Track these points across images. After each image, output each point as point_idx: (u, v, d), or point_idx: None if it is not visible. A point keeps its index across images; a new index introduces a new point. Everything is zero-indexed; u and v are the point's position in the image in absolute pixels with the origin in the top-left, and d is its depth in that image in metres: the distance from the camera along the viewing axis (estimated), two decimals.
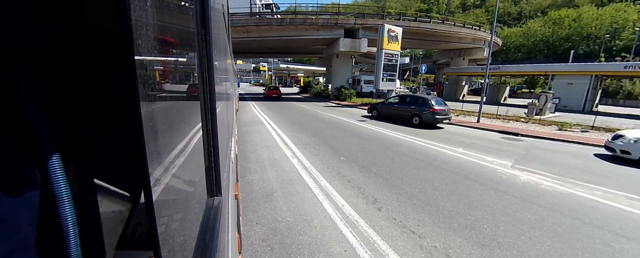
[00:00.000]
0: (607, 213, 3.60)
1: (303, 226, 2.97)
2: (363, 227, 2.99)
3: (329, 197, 3.75)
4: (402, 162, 5.63)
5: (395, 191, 4.03)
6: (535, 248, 2.73)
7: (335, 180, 4.42)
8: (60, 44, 0.37)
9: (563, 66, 23.15)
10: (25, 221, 0.32)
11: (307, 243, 2.65)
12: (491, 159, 6.13)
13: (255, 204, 3.48)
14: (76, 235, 0.35)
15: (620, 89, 33.88)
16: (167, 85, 0.53)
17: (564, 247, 2.77)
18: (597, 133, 10.54)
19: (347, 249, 2.57)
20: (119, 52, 0.31)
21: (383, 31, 17.77)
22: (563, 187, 4.53)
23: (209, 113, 0.83)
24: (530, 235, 2.97)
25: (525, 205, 3.72)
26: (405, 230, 2.94)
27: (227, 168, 1.39)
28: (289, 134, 8.25)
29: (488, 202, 3.78)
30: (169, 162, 0.47)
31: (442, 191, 4.10)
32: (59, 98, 0.38)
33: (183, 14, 0.66)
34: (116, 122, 0.43)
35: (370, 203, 3.61)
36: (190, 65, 0.75)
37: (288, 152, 6.14)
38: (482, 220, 3.23)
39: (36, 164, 0.33)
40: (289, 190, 3.97)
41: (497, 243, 2.78)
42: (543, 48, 63.11)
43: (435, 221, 3.17)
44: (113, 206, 0.51)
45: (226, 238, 0.96)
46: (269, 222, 3.04)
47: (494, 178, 4.79)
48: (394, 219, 3.19)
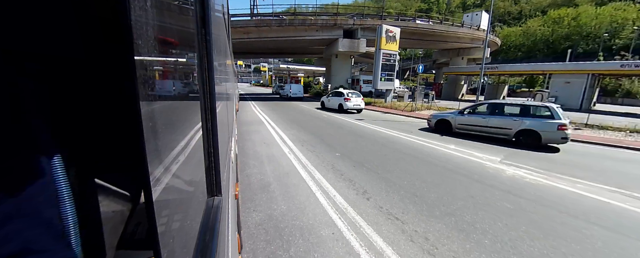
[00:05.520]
0: (586, 205, 3.80)
1: (296, 213, 3.24)
2: (351, 214, 3.24)
3: (322, 189, 4.00)
4: (395, 158, 5.88)
5: (385, 183, 4.28)
6: (510, 233, 2.97)
7: (329, 174, 4.67)
8: (61, 44, 0.38)
9: (560, 65, 23.35)
10: (26, 220, 0.32)
11: (299, 227, 2.92)
12: (481, 155, 6.36)
13: (253, 194, 3.74)
14: (77, 234, 0.35)
15: (619, 88, 34.03)
16: (167, 85, 0.54)
17: (536, 232, 3.01)
18: (590, 131, 10.75)
19: (335, 232, 2.83)
20: (119, 52, 0.31)
21: (381, 31, 18.02)
22: (547, 181, 4.75)
23: (209, 113, 0.84)
24: (507, 222, 3.21)
25: (507, 196, 3.95)
26: (390, 217, 3.19)
27: (227, 168, 1.40)
28: (288, 133, 8.50)
29: (471, 193, 4.02)
30: (169, 162, 0.48)
31: (430, 183, 4.34)
32: (59, 98, 0.38)
33: (183, 14, 0.67)
34: (116, 122, 0.44)
35: (360, 194, 3.87)
36: (191, 65, 0.76)
37: (285, 149, 6.41)
38: (463, 209, 3.48)
39: (37, 164, 0.33)
40: (285, 182, 4.23)
41: (474, 228, 3.02)
42: (543, 47, 63.19)
43: (419, 209, 3.42)
44: (113, 206, 0.51)
45: (226, 238, 0.97)
46: (265, 210, 3.31)
47: (481, 173, 5.03)
48: (381, 207, 3.44)
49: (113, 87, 0.43)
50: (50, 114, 0.36)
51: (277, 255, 2.43)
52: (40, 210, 0.33)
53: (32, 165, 0.33)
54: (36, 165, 0.33)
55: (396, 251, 2.54)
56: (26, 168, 0.33)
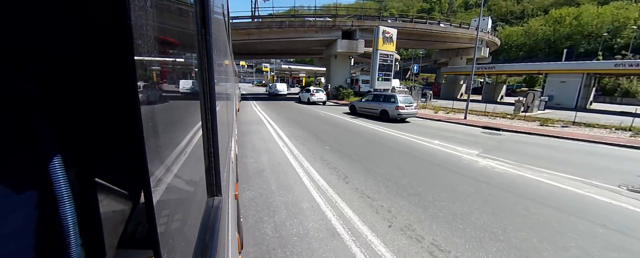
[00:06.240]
0: (543, 189, 4.26)
1: (284, 192, 3.84)
2: (330, 193, 3.83)
3: (309, 174, 4.60)
4: (380, 151, 6.44)
5: (365, 171, 4.85)
6: (463, 208, 3.51)
7: (316, 163, 5.26)
8: (61, 44, 0.38)
9: (555, 65, 23.71)
10: (26, 220, 0.32)
11: (284, 201, 3.52)
12: (462, 149, 6.88)
13: (248, 178, 4.35)
14: (77, 234, 0.35)
15: (617, 87, 34.18)
16: (167, 85, 0.54)
17: (488, 209, 3.52)
18: (576, 128, 11.17)
19: (314, 205, 3.43)
20: (119, 52, 0.32)
21: (378, 33, 18.54)
22: (515, 170, 5.25)
23: (209, 113, 0.85)
24: (464, 201, 3.75)
25: (472, 183, 4.49)
26: (363, 196, 3.77)
27: (227, 168, 1.42)
28: (285, 130, 9.09)
29: (441, 179, 4.57)
30: (169, 162, 0.48)
31: (405, 172, 4.90)
32: (59, 98, 0.39)
33: (183, 14, 0.67)
34: (116, 122, 0.44)
35: (341, 178, 4.45)
36: (191, 65, 0.76)
37: (280, 143, 7.01)
38: (428, 191, 4.03)
39: (37, 164, 0.33)
40: (277, 169, 4.83)
41: (433, 205, 3.57)
42: (544, 47, 63.20)
43: (389, 191, 3.99)
44: (113, 206, 0.51)
45: (226, 238, 0.97)
46: (257, 189, 3.92)
47: (456, 163, 5.56)
48: (357, 189, 4.01)
49: (113, 87, 0.43)
50: (50, 114, 0.36)
51: (264, 220, 3.04)
52: (40, 210, 0.33)
53: (32, 165, 0.33)
54: (36, 165, 0.33)
55: (361, 219, 3.11)
56: (26, 168, 0.33)
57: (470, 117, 13.36)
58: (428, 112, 15.60)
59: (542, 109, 17.43)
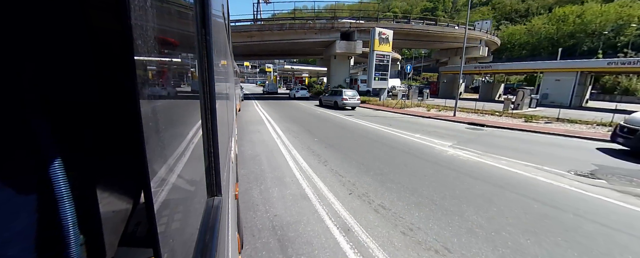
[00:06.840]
0: (494, 173, 4.90)
1: (271, 170, 4.75)
2: (309, 171, 4.71)
3: (294, 159, 5.48)
4: (363, 142, 7.25)
5: (343, 157, 5.69)
6: (416, 184, 4.28)
7: (303, 151, 6.14)
8: (60, 44, 0.38)
9: (549, 64, 24.17)
10: (25, 220, 0.32)
11: (271, 177, 4.43)
12: (438, 141, 7.61)
13: (244, 162, 5.25)
14: (77, 235, 0.35)
15: (617, 85, 34.28)
16: (167, 85, 0.54)
17: (442, 188, 4.14)
18: (559, 124, 11.72)
19: (293, 179, 4.32)
20: (119, 52, 0.32)
21: (374, 34, 19.30)
22: (477, 158, 5.92)
23: (209, 113, 0.86)
24: (420, 179, 4.53)
25: (434, 167, 5.25)
26: (335, 174, 4.63)
27: (227, 168, 1.43)
28: (281, 125, 9.92)
29: (407, 163, 5.37)
30: (169, 162, 0.49)
31: (378, 158, 5.71)
32: (59, 98, 0.39)
33: (183, 14, 0.67)
34: (116, 121, 0.45)
35: (322, 162, 5.30)
36: (191, 65, 0.76)
37: (275, 135, 7.91)
38: (393, 172, 4.83)
39: (37, 164, 0.33)
40: (268, 156, 5.73)
41: (394, 183, 4.36)
42: (547, 45, 62.96)
43: (359, 171, 4.82)
44: (113, 206, 0.52)
45: (226, 238, 0.98)
46: (251, 168, 4.83)
47: (427, 152, 6.32)
48: (332, 170, 4.87)
49: (113, 87, 0.42)
50: (50, 114, 0.36)
51: (252, 188, 3.95)
52: (40, 210, 0.33)
53: (32, 165, 0.33)
54: (36, 165, 0.33)
55: (329, 189, 3.98)
56: (26, 167, 0.33)
57: (460, 115, 13.86)
58: (420, 109, 16.24)
59: (533, 106, 17.92)
